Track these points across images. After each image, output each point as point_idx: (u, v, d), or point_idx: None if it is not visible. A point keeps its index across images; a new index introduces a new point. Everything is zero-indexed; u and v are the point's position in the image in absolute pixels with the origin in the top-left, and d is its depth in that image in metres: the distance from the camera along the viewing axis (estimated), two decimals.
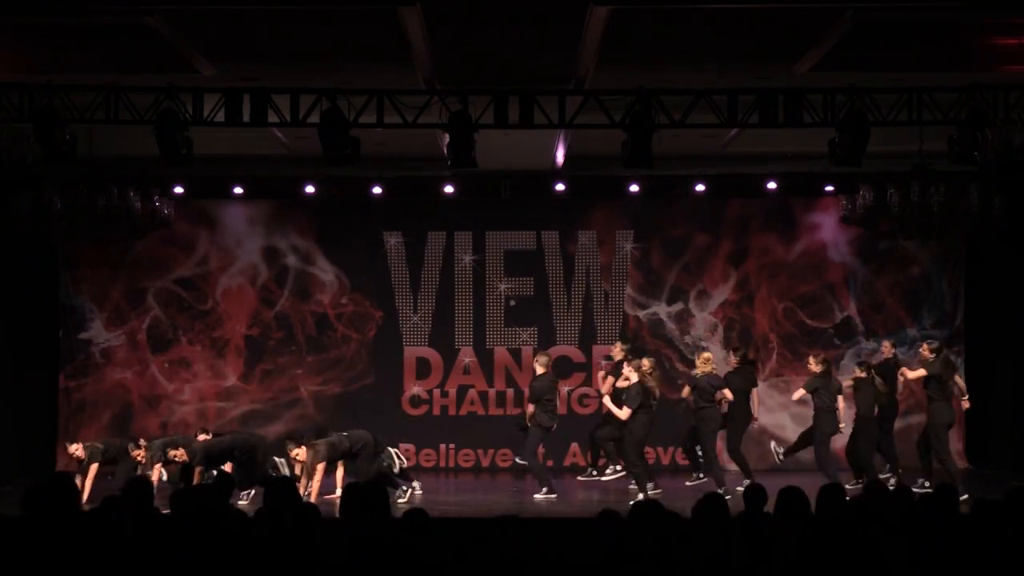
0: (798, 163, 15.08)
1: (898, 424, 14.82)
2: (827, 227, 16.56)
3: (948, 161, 11.91)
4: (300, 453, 12.68)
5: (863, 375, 13.69)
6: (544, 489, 13.58)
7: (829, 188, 15.87)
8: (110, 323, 16.49)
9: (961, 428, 16.56)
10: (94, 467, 13.23)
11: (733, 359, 14.43)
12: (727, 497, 10.97)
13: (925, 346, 13.65)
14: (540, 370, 13.95)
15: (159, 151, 11.59)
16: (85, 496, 12.31)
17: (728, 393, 13.73)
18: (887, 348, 14.96)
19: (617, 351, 14.59)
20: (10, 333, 15.38)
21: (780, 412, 15.37)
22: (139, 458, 13.10)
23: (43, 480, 6.29)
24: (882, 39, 10.57)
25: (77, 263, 16.36)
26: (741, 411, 14.06)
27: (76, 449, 13.36)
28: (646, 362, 13.53)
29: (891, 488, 7.85)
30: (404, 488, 13.28)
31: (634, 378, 13.34)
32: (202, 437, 13.56)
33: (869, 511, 6.57)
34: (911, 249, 16.43)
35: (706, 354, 14.03)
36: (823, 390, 13.56)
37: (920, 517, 6.56)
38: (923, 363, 13.46)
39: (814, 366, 13.68)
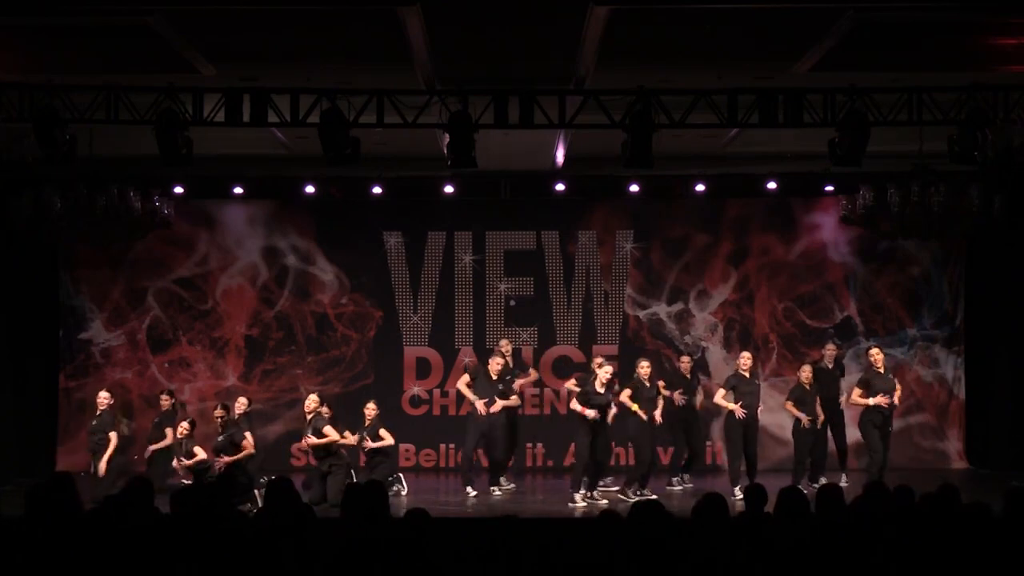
0: (798, 163, 15.08)
1: (898, 424, 14.79)
2: (827, 227, 16.56)
3: (948, 161, 11.91)
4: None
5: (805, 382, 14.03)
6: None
7: (829, 188, 15.87)
8: (110, 323, 16.49)
9: (961, 428, 16.61)
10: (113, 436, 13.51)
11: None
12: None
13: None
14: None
15: (159, 151, 11.59)
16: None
17: (677, 396, 14.10)
18: (830, 352, 14.90)
19: (504, 346, 14.84)
20: (10, 333, 15.39)
21: (780, 412, 15.35)
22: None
23: (44, 480, 6.30)
24: (882, 39, 10.56)
25: (77, 263, 16.36)
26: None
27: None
28: (605, 368, 13.52)
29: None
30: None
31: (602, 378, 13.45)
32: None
33: (869, 511, 6.57)
34: (911, 249, 16.43)
35: (644, 362, 13.95)
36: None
37: (920, 517, 6.56)
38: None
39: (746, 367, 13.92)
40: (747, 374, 13.90)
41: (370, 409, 13.81)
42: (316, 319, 16.64)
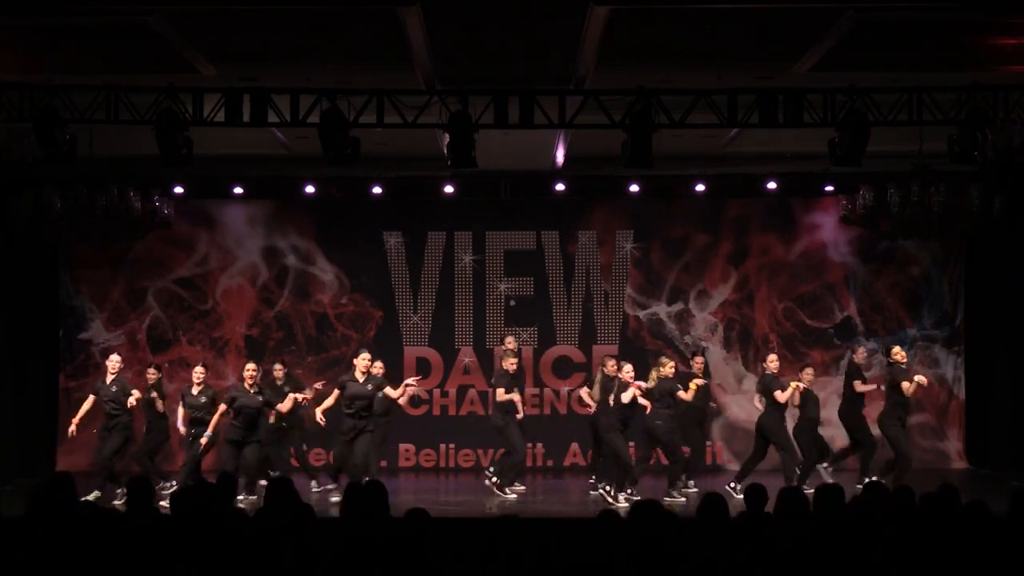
0: (798, 163, 15.08)
1: None
2: (827, 227, 16.56)
3: (948, 161, 11.91)
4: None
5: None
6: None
7: (829, 188, 15.87)
8: (110, 323, 16.50)
9: (961, 428, 16.61)
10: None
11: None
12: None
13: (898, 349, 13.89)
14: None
15: (159, 151, 11.59)
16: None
17: (684, 394, 13.61)
18: (860, 354, 14.70)
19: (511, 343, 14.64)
20: (10, 333, 15.38)
21: None
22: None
23: (44, 480, 6.30)
24: (882, 39, 10.56)
25: (77, 263, 16.36)
26: None
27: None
28: (627, 368, 13.43)
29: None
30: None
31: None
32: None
33: (869, 511, 6.57)
34: (911, 249, 16.43)
35: (669, 363, 13.81)
36: None
37: (920, 517, 6.56)
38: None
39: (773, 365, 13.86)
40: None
41: (377, 367, 13.56)
42: (316, 319, 16.64)
